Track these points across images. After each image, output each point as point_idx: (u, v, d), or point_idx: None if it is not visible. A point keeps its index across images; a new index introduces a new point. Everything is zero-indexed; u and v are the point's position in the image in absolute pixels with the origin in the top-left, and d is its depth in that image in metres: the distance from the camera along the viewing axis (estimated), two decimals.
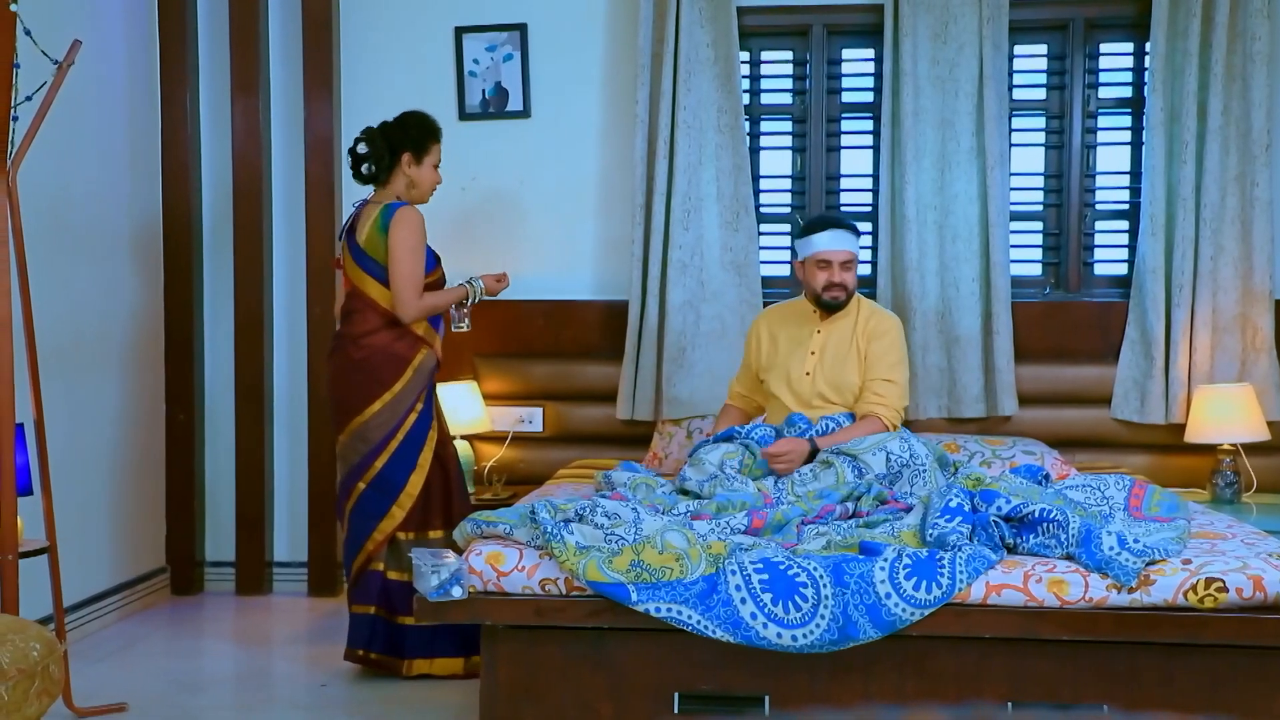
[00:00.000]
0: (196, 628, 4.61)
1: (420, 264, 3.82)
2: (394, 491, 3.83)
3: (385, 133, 3.90)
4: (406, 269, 3.79)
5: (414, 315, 3.83)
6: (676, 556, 2.90)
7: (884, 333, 3.91)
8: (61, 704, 3.44)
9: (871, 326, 3.93)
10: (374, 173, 3.91)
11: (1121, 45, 4.83)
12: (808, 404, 3.90)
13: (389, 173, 3.90)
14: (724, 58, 4.74)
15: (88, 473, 4.43)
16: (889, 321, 3.96)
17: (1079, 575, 2.85)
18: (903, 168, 4.68)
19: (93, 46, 4.29)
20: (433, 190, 3.98)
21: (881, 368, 3.87)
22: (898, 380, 3.87)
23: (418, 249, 3.81)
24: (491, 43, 4.96)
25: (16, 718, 2.37)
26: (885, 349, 3.89)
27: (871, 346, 3.89)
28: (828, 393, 3.90)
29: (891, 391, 3.85)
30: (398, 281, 3.79)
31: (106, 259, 4.59)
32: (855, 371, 3.90)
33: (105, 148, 4.58)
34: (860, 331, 3.93)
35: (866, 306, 4.01)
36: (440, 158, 3.97)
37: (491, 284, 4.03)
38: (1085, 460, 4.57)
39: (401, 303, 3.80)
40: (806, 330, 3.99)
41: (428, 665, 3.84)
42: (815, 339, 3.96)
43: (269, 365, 5.02)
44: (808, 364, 3.94)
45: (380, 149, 3.89)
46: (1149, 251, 4.59)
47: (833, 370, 3.91)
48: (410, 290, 3.80)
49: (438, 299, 3.89)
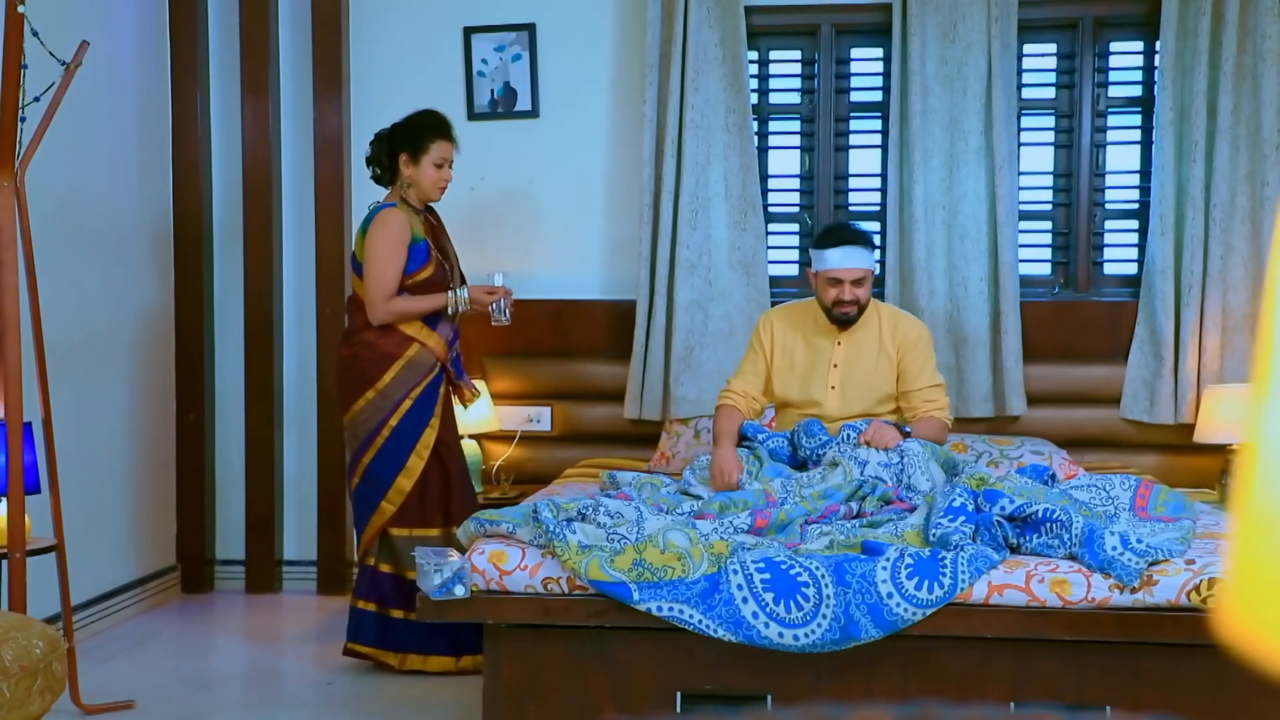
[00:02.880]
0: (206, 626, 4.63)
1: (392, 266, 3.80)
2: (382, 487, 3.86)
3: (389, 134, 3.93)
4: (375, 272, 3.80)
5: (382, 318, 3.83)
6: (678, 556, 2.90)
7: (915, 342, 3.86)
8: (69, 701, 3.46)
9: (901, 335, 3.86)
10: (379, 174, 3.95)
11: (1131, 44, 4.81)
12: (833, 418, 3.82)
13: (393, 174, 3.93)
14: (732, 57, 4.73)
15: (99, 471, 4.45)
16: (917, 330, 3.90)
17: (1081, 575, 2.84)
18: (911, 167, 4.67)
19: (103, 47, 4.31)
20: (439, 188, 3.94)
21: (923, 377, 3.83)
22: (940, 382, 3.88)
23: (391, 252, 3.80)
24: (500, 43, 4.96)
25: (18, 715, 2.39)
26: (921, 359, 3.84)
27: (906, 358, 3.84)
28: (854, 404, 3.84)
29: (939, 395, 3.85)
30: (366, 284, 3.82)
31: (117, 259, 4.61)
32: (886, 379, 3.84)
33: (116, 148, 4.60)
34: (888, 340, 3.86)
35: (889, 313, 3.94)
36: (448, 154, 3.93)
37: (479, 295, 3.93)
38: (1094, 460, 4.55)
39: (369, 304, 3.82)
40: (826, 341, 3.89)
41: (421, 662, 3.86)
42: (837, 351, 3.88)
43: (279, 365, 5.05)
44: (831, 377, 3.87)
45: (380, 151, 3.93)
46: (1158, 251, 4.57)
47: (860, 380, 3.85)
48: (378, 293, 3.80)
49: (412, 305, 3.85)
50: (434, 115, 3.97)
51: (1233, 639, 0.43)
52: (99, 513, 4.44)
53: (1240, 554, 0.42)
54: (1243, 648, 0.42)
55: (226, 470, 5.10)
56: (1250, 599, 0.40)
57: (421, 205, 3.98)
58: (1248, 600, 0.40)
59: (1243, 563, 0.42)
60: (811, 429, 3.69)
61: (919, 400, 3.82)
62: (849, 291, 3.77)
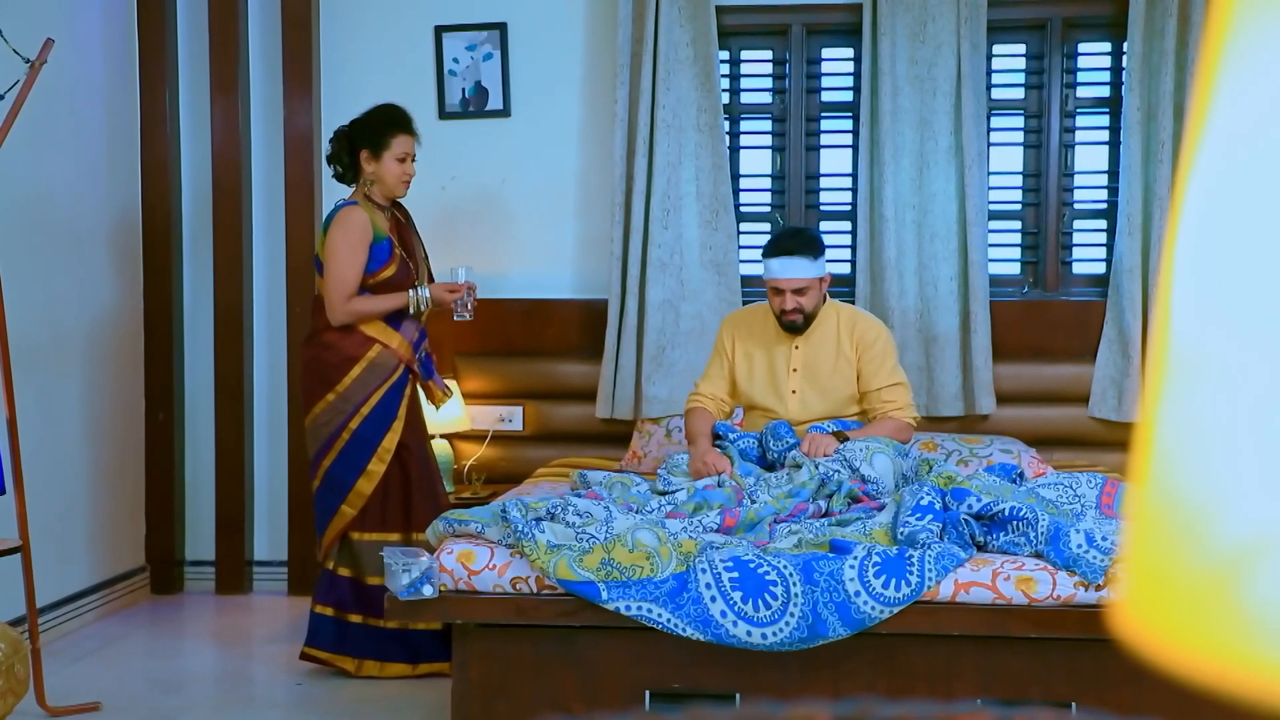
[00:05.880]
0: (176, 627, 4.61)
1: (351, 266, 3.74)
2: (343, 491, 3.81)
3: (348, 131, 3.87)
4: (334, 272, 3.74)
5: (342, 319, 3.77)
6: (647, 555, 2.91)
7: (872, 341, 3.84)
8: (34, 703, 3.44)
9: (858, 335, 3.85)
10: (340, 172, 3.90)
11: (1099, 45, 4.85)
12: (796, 421, 3.81)
13: (355, 171, 3.87)
14: (703, 57, 4.74)
15: (66, 472, 4.42)
16: (875, 328, 3.89)
17: (1047, 573, 2.86)
18: (881, 167, 4.68)
19: (70, 45, 4.28)
20: (402, 183, 3.87)
21: (881, 376, 3.81)
22: (900, 381, 3.85)
23: (351, 252, 3.74)
24: (471, 42, 4.96)
25: None
26: (879, 358, 3.82)
27: (864, 358, 3.83)
28: (816, 406, 3.85)
29: (899, 394, 3.82)
30: (325, 284, 3.78)
31: (84, 258, 4.58)
32: (846, 380, 3.84)
33: (83, 146, 4.57)
34: (846, 341, 3.85)
35: (848, 313, 3.93)
36: (410, 149, 3.87)
37: (440, 294, 3.87)
38: (1063, 458, 4.57)
39: (328, 305, 3.78)
40: (784, 345, 3.89)
41: (378, 669, 3.82)
42: (795, 355, 3.88)
43: (249, 364, 5.02)
44: (791, 381, 3.87)
45: (340, 148, 3.86)
46: (1126, 251, 4.61)
47: (819, 383, 3.85)
48: (336, 293, 3.74)
49: (372, 305, 3.80)
50: (393, 109, 3.89)
51: (1127, 633, 0.44)
52: (66, 513, 4.41)
53: (1135, 549, 0.43)
54: (1136, 642, 0.43)
55: (196, 470, 5.07)
56: (1144, 593, 0.41)
57: (386, 202, 3.91)
58: (1142, 594, 0.41)
59: (1137, 558, 0.43)
60: (779, 431, 3.70)
61: (877, 400, 3.82)
62: (790, 300, 3.75)
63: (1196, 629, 0.39)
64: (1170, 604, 0.39)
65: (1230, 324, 0.45)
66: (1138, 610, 0.41)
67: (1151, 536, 0.42)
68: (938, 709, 0.64)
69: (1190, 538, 0.40)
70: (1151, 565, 0.42)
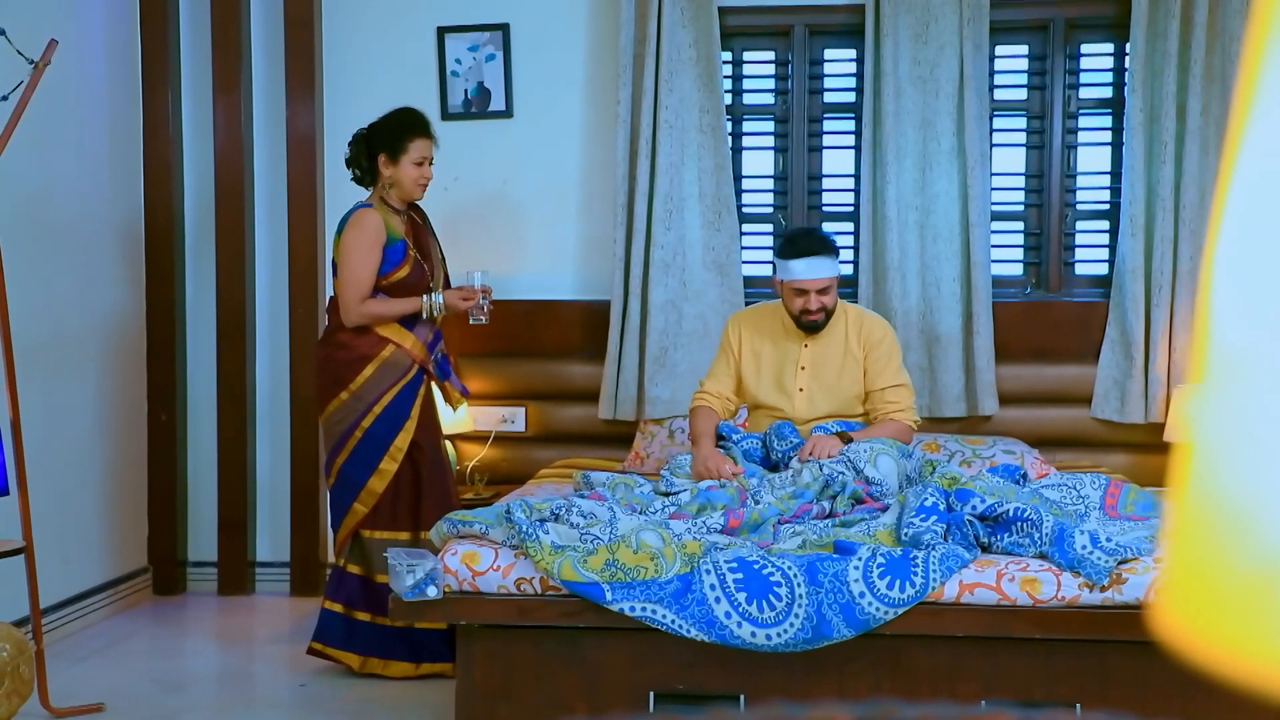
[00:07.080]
0: (178, 628, 4.61)
1: (364, 269, 3.78)
2: (355, 489, 3.84)
3: (366, 134, 3.90)
4: (348, 273, 3.79)
5: (355, 320, 3.80)
6: (651, 556, 2.90)
7: (879, 341, 3.85)
8: (38, 704, 3.44)
9: (865, 334, 3.86)
10: (359, 176, 3.92)
11: (1102, 46, 4.84)
12: (802, 420, 3.83)
13: (373, 174, 3.89)
14: (706, 58, 4.74)
15: (69, 473, 4.42)
16: (881, 328, 3.90)
17: (1051, 574, 2.86)
18: (884, 168, 4.68)
19: (73, 46, 4.28)
20: (420, 186, 3.90)
21: (885, 376, 3.82)
22: (904, 382, 3.85)
23: (364, 254, 3.78)
24: (474, 43, 4.95)
25: None
26: (884, 358, 3.84)
27: (870, 357, 3.84)
28: (822, 405, 3.85)
29: (902, 395, 3.83)
30: (338, 285, 3.82)
31: (88, 258, 4.58)
32: (854, 379, 3.85)
33: (86, 147, 4.57)
34: (854, 340, 3.86)
35: (854, 313, 3.94)
36: (428, 152, 3.89)
37: (454, 301, 3.90)
38: (1066, 459, 4.57)
39: (341, 307, 3.81)
40: (793, 343, 3.90)
41: (381, 666, 3.84)
42: (804, 353, 3.89)
43: (251, 365, 5.02)
44: (799, 380, 3.88)
45: (359, 152, 3.89)
46: (1129, 251, 4.61)
47: (827, 381, 3.86)
48: (350, 295, 3.78)
49: (384, 308, 3.83)
50: (411, 113, 3.92)
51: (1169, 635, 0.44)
52: (69, 514, 4.41)
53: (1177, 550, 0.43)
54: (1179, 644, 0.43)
55: (199, 471, 5.07)
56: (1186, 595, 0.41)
57: (404, 205, 3.94)
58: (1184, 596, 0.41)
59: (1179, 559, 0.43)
60: (783, 431, 3.70)
61: (880, 401, 3.83)
62: (815, 301, 3.77)
63: (1240, 631, 0.39)
64: (1214, 606, 0.39)
65: (1274, 327, 0.45)
66: (1181, 612, 0.41)
67: (1195, 538, 0.42)
68: (958, 710, 0.64)
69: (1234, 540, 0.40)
70: (1195, 567, 0.41)
